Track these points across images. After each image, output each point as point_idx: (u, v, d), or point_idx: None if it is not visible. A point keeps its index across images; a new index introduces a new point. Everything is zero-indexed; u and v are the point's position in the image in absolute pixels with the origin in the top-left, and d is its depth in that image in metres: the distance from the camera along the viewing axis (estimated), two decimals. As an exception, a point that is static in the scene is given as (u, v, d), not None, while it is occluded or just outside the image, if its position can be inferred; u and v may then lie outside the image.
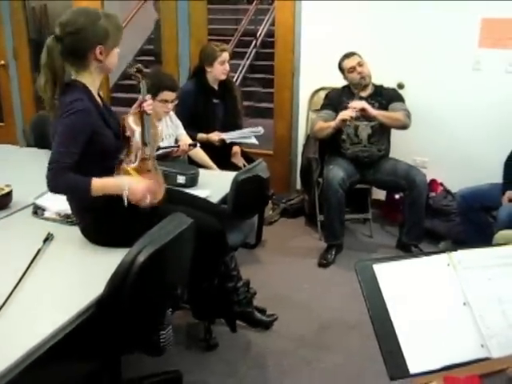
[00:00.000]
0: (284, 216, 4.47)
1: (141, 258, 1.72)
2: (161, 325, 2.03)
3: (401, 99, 3.91)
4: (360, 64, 3.85)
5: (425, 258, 1.46)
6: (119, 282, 1.73)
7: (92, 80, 2.15)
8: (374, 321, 1.32)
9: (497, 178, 3.50)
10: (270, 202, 4.33)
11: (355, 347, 2.80)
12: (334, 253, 3.76)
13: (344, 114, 3.66)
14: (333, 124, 3.74)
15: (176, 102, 3.33)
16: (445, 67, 4.15)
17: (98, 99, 2.18)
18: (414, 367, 1.28)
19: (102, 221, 2.11)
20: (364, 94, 3.88)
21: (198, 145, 3.43)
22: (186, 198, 2.42)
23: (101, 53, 2.09)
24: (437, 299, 1.40)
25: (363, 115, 3.72)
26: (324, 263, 3.69)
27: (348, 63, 3.87)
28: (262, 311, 2.90)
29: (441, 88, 4.18)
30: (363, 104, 3.70)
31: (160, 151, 3.07)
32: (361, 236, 4.21)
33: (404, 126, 3.78)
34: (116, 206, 2.09)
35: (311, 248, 3.91)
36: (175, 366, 2.56)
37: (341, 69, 3.94)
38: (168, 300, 2.02)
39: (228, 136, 3.74)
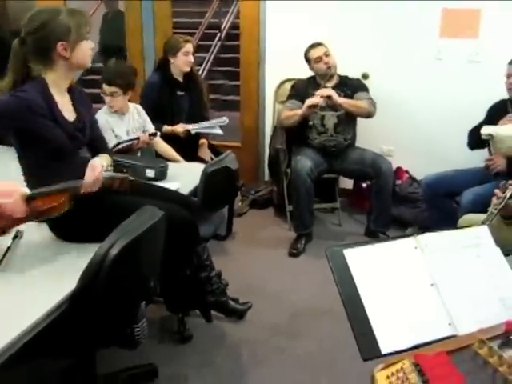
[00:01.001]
0: (253, 207, 4.50)
1: (113, 252, 1.71)
2: (135, 318, 2.03)
3: (365, 89, 3.97)
4: (326, 54, 3.88)
5: (393, 242, 1.51)
6: (92, 276, 1.73)
7: (57, 77, 2.12)
8: (347, 304, 1.36)
9: (460, 164, 3.60)
10: (239, 193, 4.36)
11: (328, 333, 2.84)
12: (303, 242, 3.81)
13: (311, 101, 3.71)
14: (300, 111, 3.78)
15: (117, 96, 3.28)
16: (408, 57, 4.22)
17: (59, 98, 2.14)
18: (385, 348, 1.32)
19: (70, 217, 2.10)
20: (329, 84, 3.92)
21: (158, 134, 3.41)
22: (155, 191, 2.42)
23: (65, 49, 2.07)
24: (405, 281, 1.45)
25: (329, 105, 3.76)
26: (294, 253, 3.73)
27: (314, 53, 3.90)
28: (235, 300, 2.92)
29: (405, 77, 4.26)
30: (329, 91, 3.75)
31: (121, 145, 3.07)
32: (330, 225, 4.26)
33: (369, 114, 3.84)
34: (84, 201, 2.09)
35: (281, 238, 3.95)
36: (150, 360, 2.56)
37: (307, 59, 3.96)
38: (141, 293, 2.03)
39: (193, 127, 3.74)
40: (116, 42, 7.05)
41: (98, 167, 2.13)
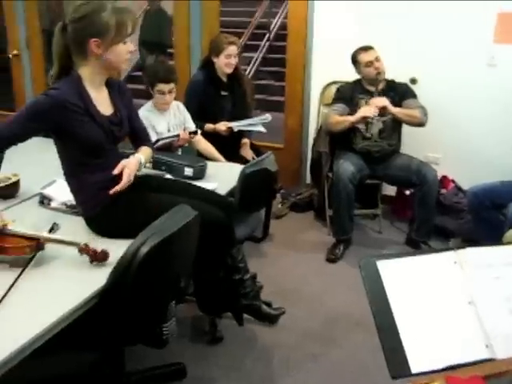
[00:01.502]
0: (293, 210, 4.44)
1: (144, 249, 1.71)
2: (164, 317, 2.02)
3: (414, 95, 3.86)
4: (377, 59, 3.77)
5: (431, 255, 1.44)
6: (122, 273, 1.72)
7: (90, 72, 2.11)
8: (377, 317, 1.31)
9: (509, 175, 3.46)
10: (279, 195, 4.32)
11: (361, 342, 2.77)
12: (342, 248, 3.74)
13: (366, 111, 3.62)
14: (352, 119, 3.70)
15: (173, 92, 3.29)
16: (459, 62, 4.08)
17: (94, 93, 2.13)
18: (415, 366, 1.26)
19: (106, 212, 2.11)
20: (375, 88, 3.83)
21: (199, 131, 3.40)
22: (192, 190, 2.40)
23: (98, 46, 2.03)
24: (442, 297, 1.38)
25: (381, 112, 3.68)
26: (332, 258, 3.67)
27: (365, 57, 3.79)
28: (268, 305, 2.88)
29: (454, 83, 4.13)
30: (384, 102, 3.66)
31: (160, 142, 3.06)
32: (370, 232, 4.18)
33: (420, 124, 3.74)
34: (120, 198, 2.09)
35: (320, 243, 3.89)
36: (179, 359, 2.55)
37: (355, 62, 3.86)
38: (171, 292, 2.01)
39: (235, 124, 3.71)
40: (156, 39, 7.18)
41: (131, 170, 2.14)
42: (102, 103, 2.17)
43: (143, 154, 2.33)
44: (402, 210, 4.25)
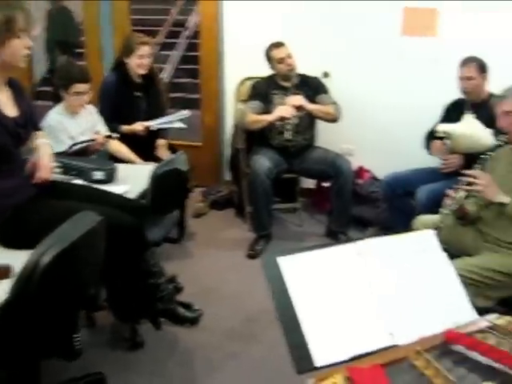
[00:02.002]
0: (214, 208, 4.41)
1: (45, 259, 1.63)
2: (75, 327, 1.95)
3: (325, 90, 3.92)
4: (289, 56, 3.81)
5: (333, 248, 1.45)
6: (24, 284, 1.64)
7: None
8: (280, 314, 1.31)
9: (421, 163, 3.59)
10: (198, 193, 4.30)
11: (280, 337, 2.77)
12: (262, 243, 3.75)
13: (283, 111, 3.65)
14: (269, 118, 3.71)
15: (90, 93, 3.20)
16: (369, 55, 4.18)
17: None
18: (320, 360, 1.27)
19: (7, 222, 2.01)
20: (289, 84, 3.85)
21: (114, 135, 3.31)
22: (96, 195, 2.33)
23: None
24: (344, 289, 1.39)
25: (297, 109, 3.71)
26: (252, 254, 3.66)
27: (277, 53, 3.81)
28: (188, 306, 2.84)
29: (366, 76, 4.22)
30: (300, 100, 3.70)
31: (76, 147, 2.97)
32: (290, 225, 4.21)
33: (334, 120, 3.82)
34: (23, 206, 2.01)
35: (240, 239, 3.88)
36: (100, 368, 2.46)
37: (268, 58, 3.87)
38: (80, 301, 1.94)
39: (153, 123, 3.63)
40: (63, 39, 6.99)
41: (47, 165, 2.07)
42: (6, 105, 2.08)
43: (43, 136, 2.26)
44: (322, 203, 4.31)
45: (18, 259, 1.79)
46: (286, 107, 3.67)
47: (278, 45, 3.84)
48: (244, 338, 2.82)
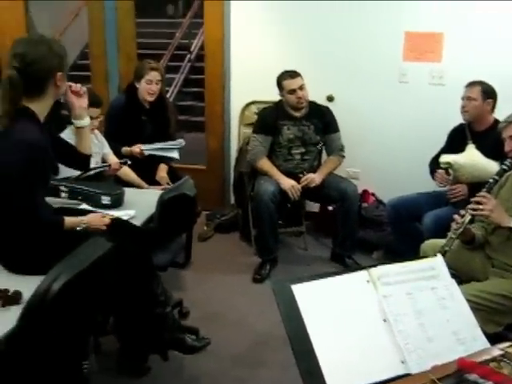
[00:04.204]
0: (218, 231, 4.40)
1: (56, 286, 1.63)
2: (84, 354, 1.95)
3: (336, 128, 3.91)
4: (301, 88, 3.73)
5: (345, 276, 1.45)
6: (34, 311, 1.64)
7: (45, 106, 2.15)
8: (293, 342, 1.31)
9: (426, 187, 3.59)
10: (203, 217, 4.29)
11: (289, 361, 2.75)
12: (268, 267, 3.73)
13: (293, 191, 3.65)
14: (278, 180, 3.70)
15: (101, 118, 3.24)
16: (372, 80, 4.21)
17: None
18: (334, 388, 1.26)
19: (17, 247, 2.01)
20: (299, 114, 3.80)
21: (128, 162, 3.33)
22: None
23: (60, 79, 2.12)
24: (357, 317, 1.39)
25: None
26: (258, 278, 3.65)
27: (290, 84, 3.72)
28: (195, 332, 2.81)
29: (369, 100, 4.25)
30: (314, 181, 3.71)
31: (91, 172, 2.97)
32: (296, 249, 4.20)
33: (340, 164, 3.92)
34: (32, 232, 2.01)
35: (246, 263, 3.87)
36: (106, 394, 2.47)
37: (279, 86, 3.79)
38: (89, 328, 1.94)
39: (146, 147, 3.62)
40: None
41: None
42: None
43: None
44: (327, 226, 4.29)
45: (27, 285, 1.80)
46: (297, 189, 3.67)
47: (292, 75, 3.74)
48: (251, 363, 2.80)
